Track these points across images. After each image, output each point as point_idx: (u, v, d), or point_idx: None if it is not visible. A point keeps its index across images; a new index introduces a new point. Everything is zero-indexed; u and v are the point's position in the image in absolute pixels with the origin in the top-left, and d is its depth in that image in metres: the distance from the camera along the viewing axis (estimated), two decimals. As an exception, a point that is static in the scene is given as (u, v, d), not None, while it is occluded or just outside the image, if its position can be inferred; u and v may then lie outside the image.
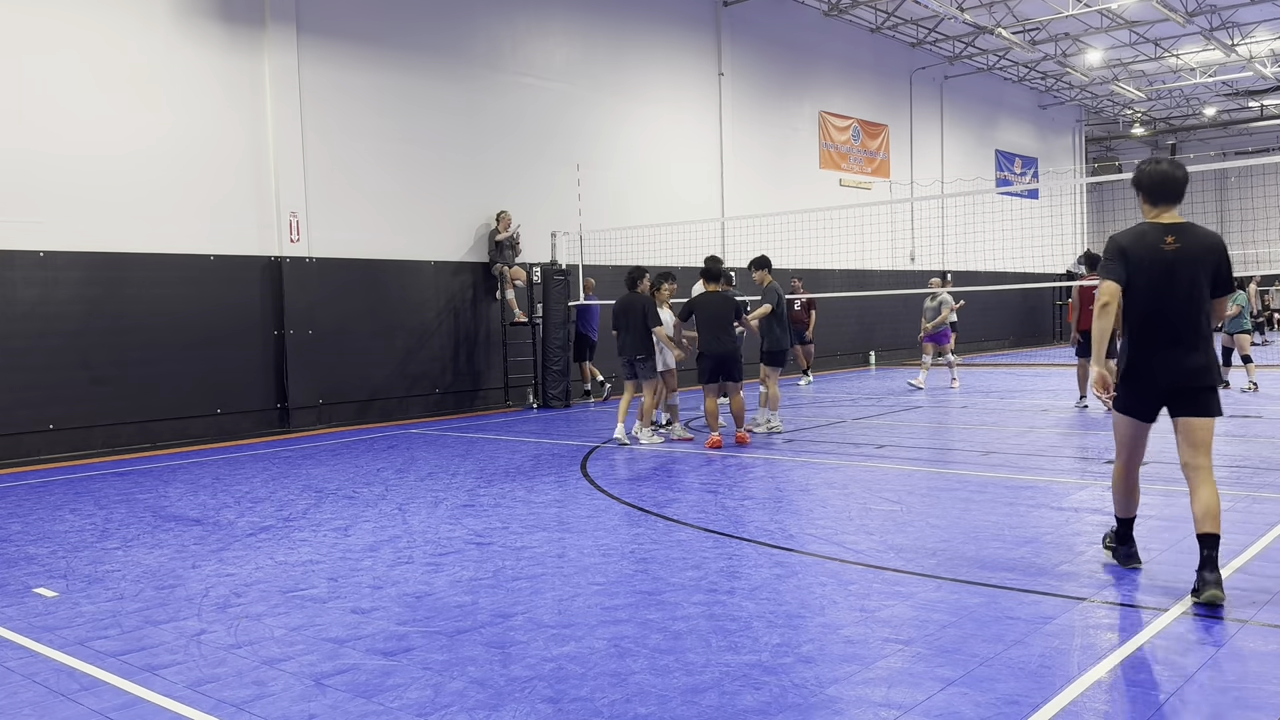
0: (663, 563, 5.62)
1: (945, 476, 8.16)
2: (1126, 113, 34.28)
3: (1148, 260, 4.72)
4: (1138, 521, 5.38)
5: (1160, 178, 4.81)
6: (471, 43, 15.14)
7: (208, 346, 12.18)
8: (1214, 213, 31.83)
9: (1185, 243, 4.71)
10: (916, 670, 3.88)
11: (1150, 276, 4.71)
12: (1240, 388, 14.33)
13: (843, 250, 19.63)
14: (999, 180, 28.52)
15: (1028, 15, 22.46)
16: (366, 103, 13.81)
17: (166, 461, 10.48)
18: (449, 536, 6.48)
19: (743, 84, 20.13)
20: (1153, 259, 4.72)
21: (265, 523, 7.12)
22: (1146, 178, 4.87)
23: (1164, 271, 4.70)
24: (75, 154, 11.14)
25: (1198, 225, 4.84)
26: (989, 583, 5.03)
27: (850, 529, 6.36)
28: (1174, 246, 4.71)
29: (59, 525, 7.26)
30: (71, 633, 4.70)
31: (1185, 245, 4.71)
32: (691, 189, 18.98)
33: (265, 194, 12.80)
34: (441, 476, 8.93)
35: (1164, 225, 4.79)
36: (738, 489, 7.92)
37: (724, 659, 4.06)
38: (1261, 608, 4.49)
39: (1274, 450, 8.87)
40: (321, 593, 5.25)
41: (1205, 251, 4.72)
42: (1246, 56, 25.97)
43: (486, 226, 15.24)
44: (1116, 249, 4.82)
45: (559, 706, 3.63)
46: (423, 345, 14.51)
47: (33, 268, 10.82)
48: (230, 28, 12.43)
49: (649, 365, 10.63)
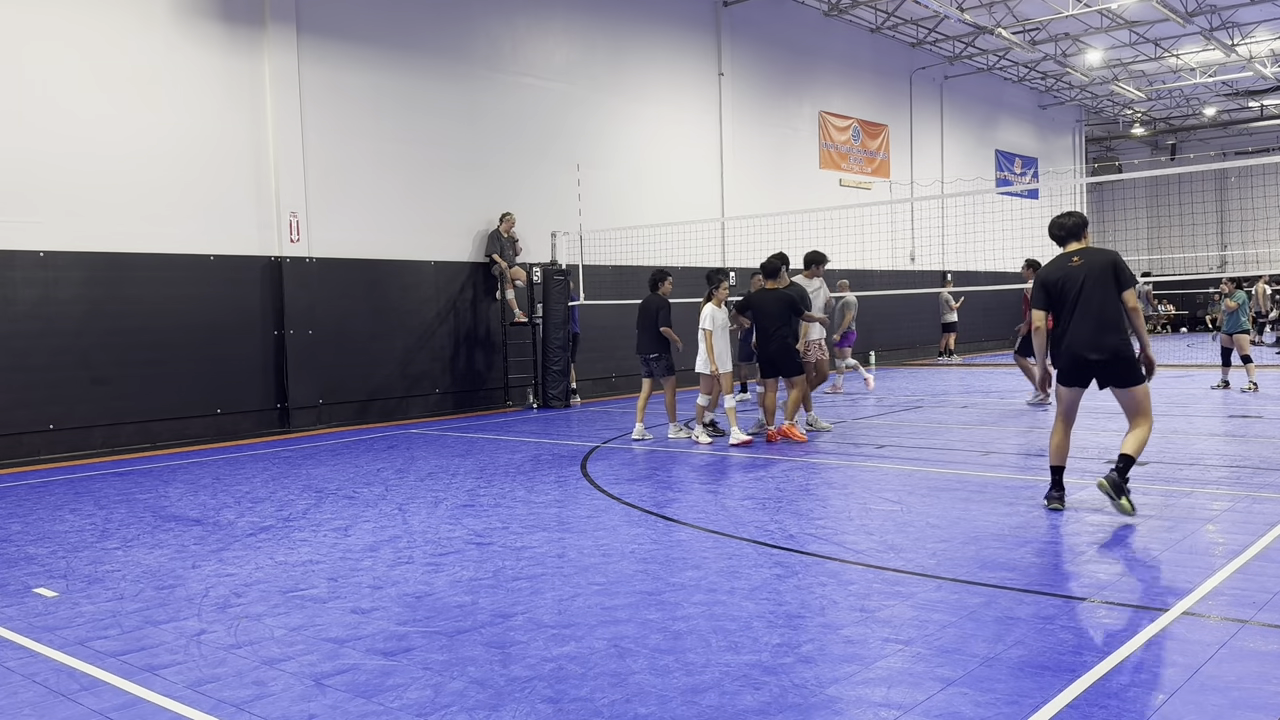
0: (663, 563, 5.62)
1: (945, 476, 8.16)
2: (1126, 113, 34.28)
3: (1065, 281, 6.54)
4: (1137, 522, 5.57)
5: (1055, 226, 6.80)
6: (471, 43, 15.14)
7: (208, 346, 12.18)
8: (1214, 213, 31.86)
9: (1088, 260, 6.51)
10: (916, 670, 3.88)
11: (1065, 292, 6.53)
12: (1240, 387, 14.33)
13: (843, 250, 19.60)
14: (999, 180, 28.52)
15: (1028, 15, 22.47)
16: (366, 103, 13.81)
17: (166, 461, 10.48)
18: (449, 536, 6.48)
19: (743, 84, 20.13)
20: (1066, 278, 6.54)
21: (265, 523, 7.12)
22: (1054, 228, 6.80)
23: (1075, 286, 6.48)
24: (75, 154, 11.14)
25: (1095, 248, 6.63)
26: (989, 583, 5.03)
27: (850, 529, 6.36)
28: (1079, 264, 6.52)
29: (59, 525, 7.27)
30: (71, 633, 4.70)
31: (1088, 262, 6.51)
32: (691, 189, 18.99)
33: (265, 194, 12.80)
34: (441, 476, 8.93)
35: (1070, 253, 6.66)
36: (738, 489, 7.92)
37: (724, 659, 4.06)
38: (1261, 608, 4.49)
39: (1274, 450, 8.87)
40: (321, 593, 5.25)
41: (1103, 266, 6.45)
42: (1246, 56, 25.97)
43: (488, 226, 15.25)
44: (1038, 283, 6.70)
45: (559, 706, 3.63)
46: (423, 345, 14.51)
47: (33, 268, 10.82)
48: (230, 28, 12.43)
49: (662, 363, 11.09)
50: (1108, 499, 6.42)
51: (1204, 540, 5.77)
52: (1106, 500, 6.50)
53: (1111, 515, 6.46)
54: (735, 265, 19.31)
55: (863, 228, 19.38)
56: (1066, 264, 6.57)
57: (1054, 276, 6.59)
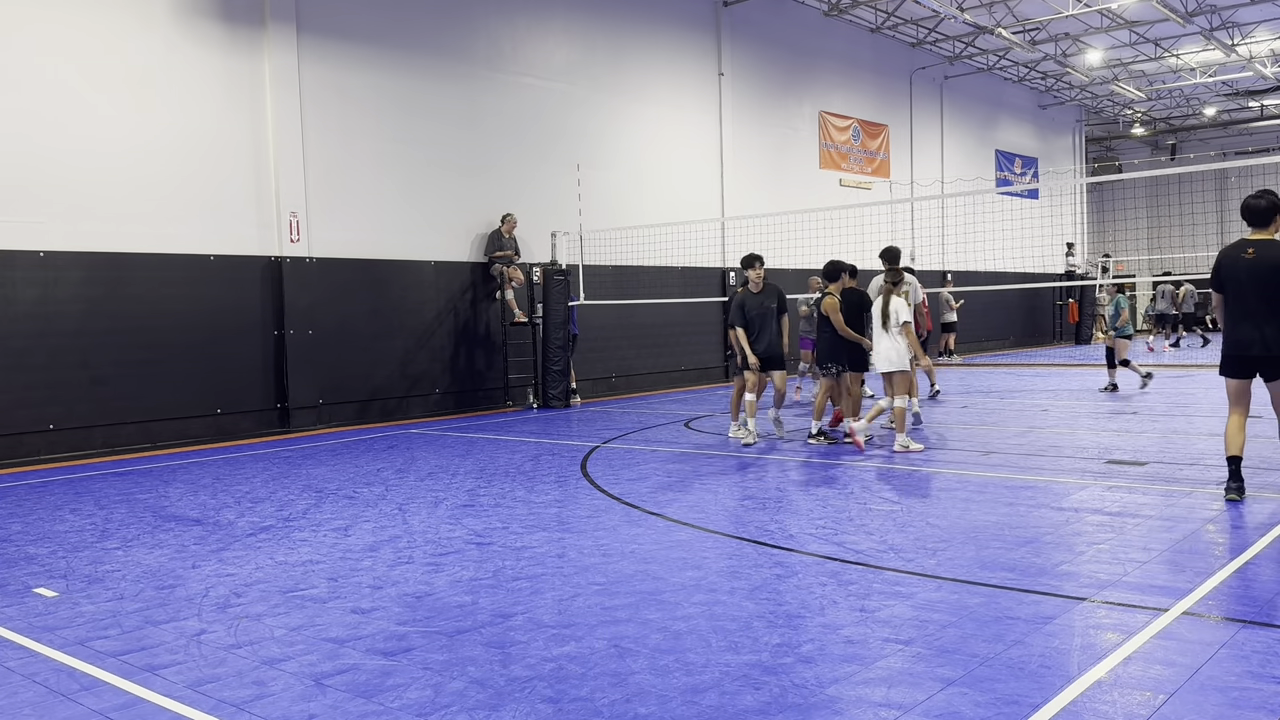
0: (663, 563, 5.62)
1: (945, 476, 8.16)
2: (1126, 113, 34.28)
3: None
4: (1138, 522, 5.42)
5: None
6: (471, 43, 15.14)
7: (208, 346, 12.18)
8: (1214, 213, 31.83)
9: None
10: (916, 670, 3.88)
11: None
12: (1103, 386, 15.03)
13: (843, 251, 19.50)
14: (999, 180, 28.52)
15: (1028, 15, 22.46)
16: (366, 103, 13.81)
17: (166, 461, 10.48)
18: (449, 536, 6.48)
19: (743, 84, 20.13)
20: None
21: (265, 523, 7.12)
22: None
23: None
24: (75, 154, 11.14)
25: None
26: (989, 583, 5.03)
27: (850, 529, 6.36)
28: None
29: (59, 525, 7.26)
30: (71, 633, 4.70)
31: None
32: (691, 189, 18.98)
33: (265, 194, 12.80)
34: (441, 476, 8.93)
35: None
36: (738, 489, 7.92)
37: (724, 659, 4.06)
38: (1261, 608, 4.49)
39: (1274, 450, 8.87)
40: (321, 593, 5.25)
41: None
42: (1246, 56, 25.96)
43: (487, 227, 15.25)
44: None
45: (559, 706, 3.63)
46: (423, 345, 14.51)
47: (33, 268, 10.82)
48: (230, 28, 12.43)
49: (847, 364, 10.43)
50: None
51: (1204, 540, 5.77)
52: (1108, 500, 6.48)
53: (1111, 515, 6.46)
54: (735, 265, 19.32)
55: (863, 228, 19.35)
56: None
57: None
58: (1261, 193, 6.78)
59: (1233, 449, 6.80)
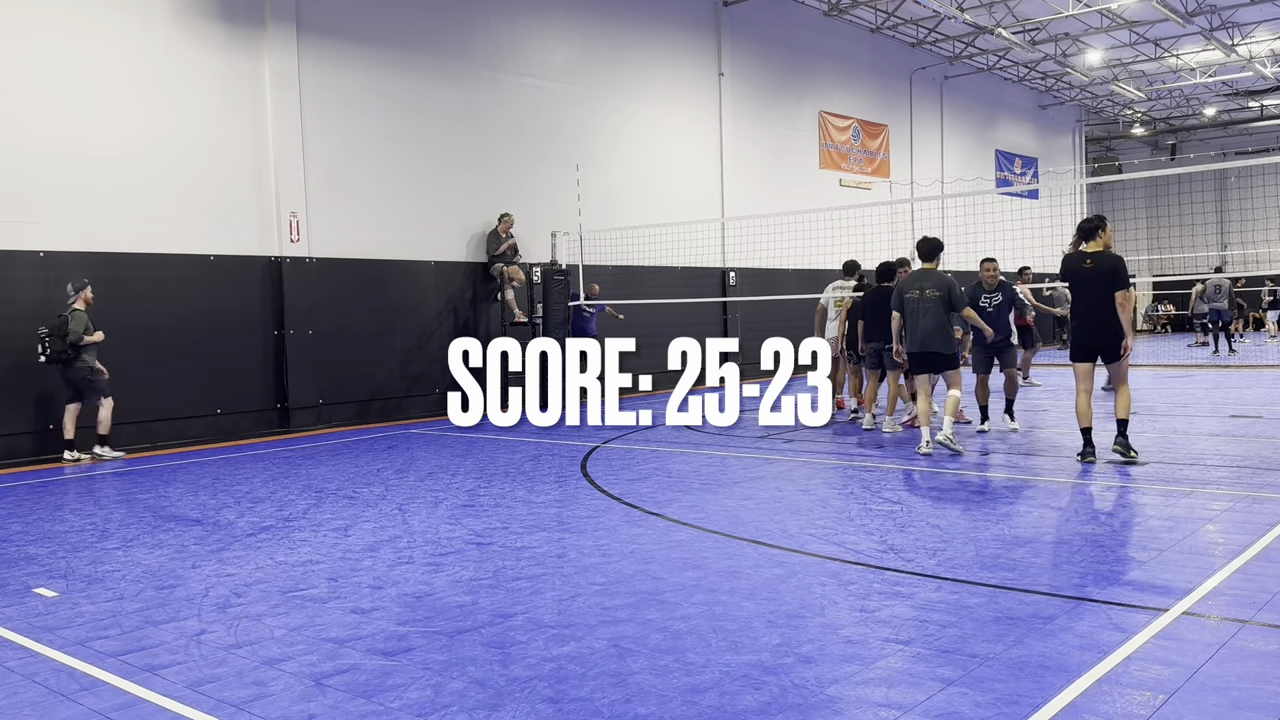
0: (663, 563, 5.62)
1: (945, 476, 8.16)
2: (1126, 113, 34.27)
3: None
4: (1140, 524, 5.42)
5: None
6: (471, 43, 15.14)
7: (208, 346, 12.17)
8: (1214, 213, 31.84)
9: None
10: (916, 670, 3.88)
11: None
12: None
13: (843, 251, 19.52)
14: (999, 180, 28.51)
15: (1028, 15, 22.46)
16: (366, 103, 13.81)
17: (166, 461, 10.48)
18: (449, 536, 6.48)
19: (743, 84, 20.13)
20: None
21: (265, 523, 7.12)
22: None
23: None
24: (75, 154, 11.14)
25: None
26: (989, 583, 5.03)
27: (850, 529, 6.36)
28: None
29: (59, 525, 7.26)
30: (71, 633, 4.70)
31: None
32: (691, 189, 18.98)
33: (265, 194, 12.80)
34: (441, 476, 8.93)
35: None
36: (737, 489, 7.92)
37: (724, 659, 4.06)
38: (1261, 608, 4.49)
39: (1274, 450, 8.87)
40: (321, 593, 5.25)
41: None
42: (1246, 56, 25.96)
43: (487, 227, 15.24)
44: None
45: (559, 706, 3.63)
46: (423, 345, 14.51)
47: (33, 268, 10.82)
48: (230, 28, 12.42)
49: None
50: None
51: (1204, 540, 5.77)
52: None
53: (1111, 515, 6.47)
54: (735, 265, 19.33)
55: (863, 228, 19.34)
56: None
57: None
58: (1092, 217, 8.39)
59: (1084, 421, 8.30)
